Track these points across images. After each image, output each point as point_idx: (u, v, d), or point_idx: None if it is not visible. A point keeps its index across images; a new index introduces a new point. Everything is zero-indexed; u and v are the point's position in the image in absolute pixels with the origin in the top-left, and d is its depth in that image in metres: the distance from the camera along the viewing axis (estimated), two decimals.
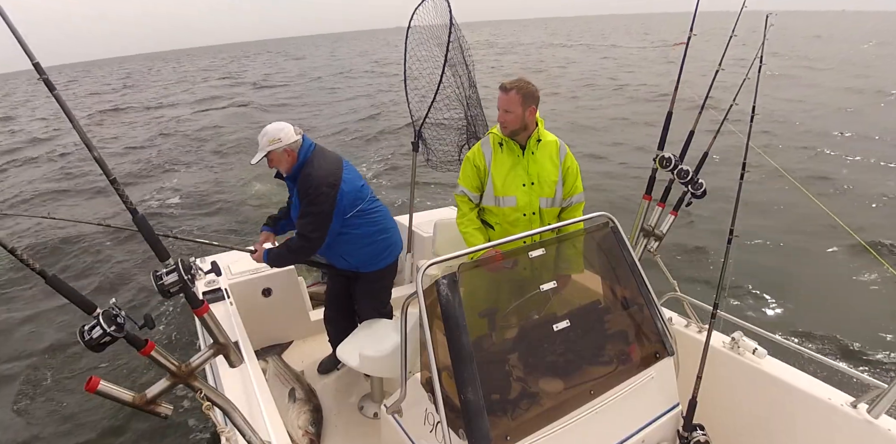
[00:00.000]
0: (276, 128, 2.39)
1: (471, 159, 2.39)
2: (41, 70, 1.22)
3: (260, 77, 30.79)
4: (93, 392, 1.17)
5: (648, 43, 40.23)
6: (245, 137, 12.69)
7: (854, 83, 17.40)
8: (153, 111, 19.58)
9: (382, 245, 2.66)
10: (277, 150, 2.37)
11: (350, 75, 28.46)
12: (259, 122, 11.96)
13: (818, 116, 12.84)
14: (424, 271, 1.50)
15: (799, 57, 26.21)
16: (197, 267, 2.84)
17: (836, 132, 11.25)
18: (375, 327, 2.68)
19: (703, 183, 2.36)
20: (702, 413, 1.88)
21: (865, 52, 28.11)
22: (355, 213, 2.50)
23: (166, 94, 25.65)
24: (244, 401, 1.91)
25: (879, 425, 1.82)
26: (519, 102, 2.19)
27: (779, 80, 17.84)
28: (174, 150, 12.55)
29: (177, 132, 14.60)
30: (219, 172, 10.32)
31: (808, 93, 15.88)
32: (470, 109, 3.11)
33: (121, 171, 10.31)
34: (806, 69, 21.31)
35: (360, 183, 2.55)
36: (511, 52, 37.39)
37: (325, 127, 14.05)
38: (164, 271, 1.28)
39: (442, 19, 2.86)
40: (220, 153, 11.88)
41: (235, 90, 24.54)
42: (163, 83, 32.50)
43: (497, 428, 1.45)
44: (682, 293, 2.44)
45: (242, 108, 18.22)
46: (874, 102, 14.52)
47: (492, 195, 2.36)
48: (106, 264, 5.77)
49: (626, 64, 26.02)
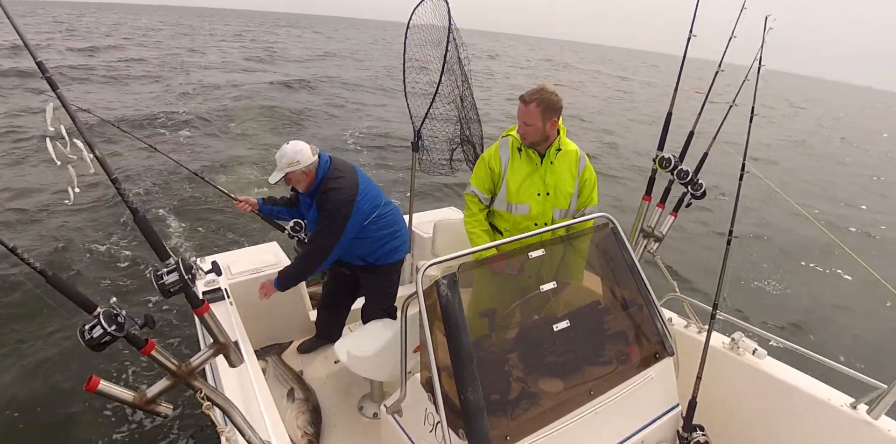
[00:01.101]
0: (294, 150, 2.43)
1: (486, 161, 2.32)
2: (44, 68, 1.23)
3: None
4: (93, 392, 1.17)
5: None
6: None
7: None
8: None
9: (397, 242, 2.78)
10: (296, 172, 2.44)
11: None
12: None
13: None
14: (424, 271, 1.50)
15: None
16: (197, 267, 2.86)
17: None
18: (375, 327, 2.69)
19: (702, 184, 2.36)
20: (702, 414, 1.88)
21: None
22: (372, 220, 2.60)
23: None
24: (244, 401, 1.92)
25: (879, 425, 1.82)
26: (539, 114, 2.12)
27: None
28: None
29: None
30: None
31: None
32: (465, 111, 3.10)
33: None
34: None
35: (374, 193, 2.62)
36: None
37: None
38: (164, 270, 1.28)
39: (441, 20, 2.85)
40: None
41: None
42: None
43: (497, 428, 1.45)
44: (682, 294, 2.45)
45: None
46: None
47: (504, 200, 2.30)
48: (106, 264, 5.77)
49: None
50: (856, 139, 21.98)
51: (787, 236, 6.99)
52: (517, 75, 30.35)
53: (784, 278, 5.75)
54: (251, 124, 12.20)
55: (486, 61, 37.93)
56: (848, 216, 9.39)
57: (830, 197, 10.97)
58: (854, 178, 13.53)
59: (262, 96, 15.33)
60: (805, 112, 32.33)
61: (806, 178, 12.52)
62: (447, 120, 3.14)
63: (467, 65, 3.00)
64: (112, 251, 6.09)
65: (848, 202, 10.67)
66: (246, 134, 11.37)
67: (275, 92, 16.41)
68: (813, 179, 12.44)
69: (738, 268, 5.79)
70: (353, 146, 11.38)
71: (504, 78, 27.74)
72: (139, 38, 31.47)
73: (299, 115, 13.74)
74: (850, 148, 19.38)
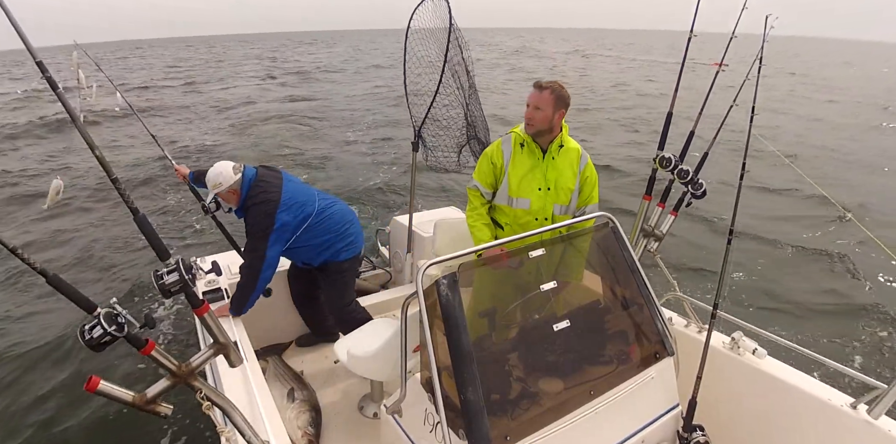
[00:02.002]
0: (215, 173, 2.56)
1: (488, 155, 2.35)
2: (44, 68, 1.23)
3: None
4: (93, 392, 1.17)
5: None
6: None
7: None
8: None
9: (341, 244, 2.81)
10: (222, 192, 2.58)
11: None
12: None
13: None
14: (424, 271, 1.50)
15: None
16: (197, 267, 2.86)
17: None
18: (375, 327, 2.69)
19: (703, 183, 2.36)
20: (702, 413, 1.87)
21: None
22: (304, 230, 2.67)
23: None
24: (244, 401, 1.92)
25: (879, 425, 1.82)
26: (552, 102, 2.16)
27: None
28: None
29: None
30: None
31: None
32: (470, 109, 3.10)
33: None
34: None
35: (302, 201, 2.65)
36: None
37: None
38: (164, 270, 1.28)
39: (442, 20, 2.85)
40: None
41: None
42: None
43: (497, 428, 1.45)
44: (682, 293, 2.44)
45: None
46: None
47: (506, 195, 2.33)
48: (107, 264, 5.77)
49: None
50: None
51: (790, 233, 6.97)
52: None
53: (784, 278, 5.75)
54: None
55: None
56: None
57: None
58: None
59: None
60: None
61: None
62: (453, 118, 3.14)
63: (470, 64, 3.00)
64: (112, 251, 6.09)
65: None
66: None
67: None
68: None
69: (739, 268, 5.79)
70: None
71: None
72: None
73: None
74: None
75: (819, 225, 6.97)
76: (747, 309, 5.01)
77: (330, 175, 9.27)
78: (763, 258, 6.12)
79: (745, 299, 5.17)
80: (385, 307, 3.41)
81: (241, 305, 2.59)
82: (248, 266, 2.58)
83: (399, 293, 3.56)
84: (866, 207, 7.68)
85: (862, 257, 6.07)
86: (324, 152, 10.86)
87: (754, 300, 5.19)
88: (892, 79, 30.51)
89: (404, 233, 3.60)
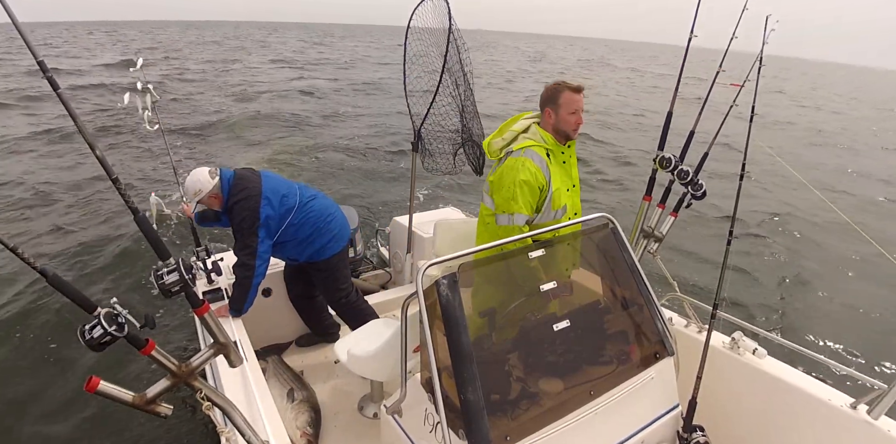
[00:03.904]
0: (192, 181, 2.58)
1: (531, 183, 2.12)
2: (45, 68, 1.22)
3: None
4: (92, 392, 1.17)
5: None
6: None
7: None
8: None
9: (324, 239, 2.83)
10: (203, 198, 2.59)
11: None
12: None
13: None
14: (424, 271, 1.50)
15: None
16: (198, 267, 2.86)
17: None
18: (375, 327, 2.69)
19: (702, 184, 2.36)
20: (702, 414, 1.87)
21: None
22: (286, 226, 2.68)
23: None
24: (244, 401, 1.92)
25: (879, 425, 1.82)
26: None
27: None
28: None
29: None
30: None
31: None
32: (465, 113, 3.09)
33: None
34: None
35: (281, 196, 2.66)
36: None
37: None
38: (164, 270, 1.28)
39: (441, 22, 2.85)
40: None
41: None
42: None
43: (497, 428, 1.45)
44: (682, 293, 2.44)
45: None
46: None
47: (550, 212, 2.20)
48: (107, 263, 5.77)
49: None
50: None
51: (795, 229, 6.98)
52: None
53: (786, 277, 5.76)
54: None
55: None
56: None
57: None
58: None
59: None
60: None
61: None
62: (449, 118, 3.13)
63: (468, 65, 3.00)
64: (112, 251, 6.09)
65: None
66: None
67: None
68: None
69: (739, 268, 5.79)
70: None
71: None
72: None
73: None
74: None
75: (819, 224, 6.98)
76: (747, 309, 5.01)
77: (330, 175, 9.28)
78: (763, 258, 6.12)
79: (744, 300, 5.17)
80: (385, 307, 3.41)
81: (241, 304, 2.59)
82: (241, 264, 2.59)
83: (399, 293, 3.56)
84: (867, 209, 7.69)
85: (862, 257, 6.07)
86: (323, 152, 10.87)
87: (754, 300, 5.19)
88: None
89: (404, 233, 3.60)
